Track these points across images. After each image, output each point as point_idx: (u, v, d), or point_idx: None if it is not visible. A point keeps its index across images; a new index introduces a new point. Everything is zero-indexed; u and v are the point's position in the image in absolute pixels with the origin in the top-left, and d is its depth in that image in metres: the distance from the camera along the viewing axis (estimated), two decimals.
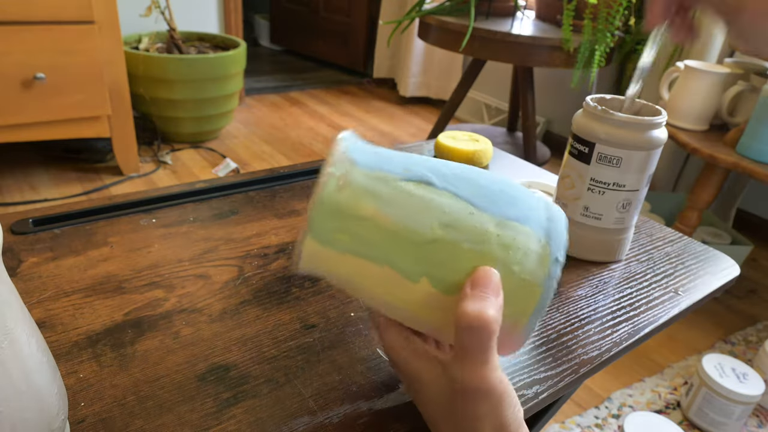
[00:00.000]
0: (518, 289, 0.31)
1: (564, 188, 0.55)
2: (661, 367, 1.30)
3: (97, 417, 0.34)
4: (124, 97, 1.75)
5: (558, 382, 0.40)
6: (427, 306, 0.31)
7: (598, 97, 0.54)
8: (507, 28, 1.69)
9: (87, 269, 0.48)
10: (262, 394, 0.37)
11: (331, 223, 0.31)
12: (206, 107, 2.09)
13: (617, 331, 0.46)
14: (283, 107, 2.72)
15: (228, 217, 0.58)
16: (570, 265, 0.55)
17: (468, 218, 0.31)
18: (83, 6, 1.56)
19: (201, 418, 0.35)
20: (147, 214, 0.57)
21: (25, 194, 1.73)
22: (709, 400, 1.11)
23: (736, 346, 1.39)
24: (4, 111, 1.54)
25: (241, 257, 0.51)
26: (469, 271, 0.31)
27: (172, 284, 0.47)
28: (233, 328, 0.42)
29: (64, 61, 1.58)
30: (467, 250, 0.30)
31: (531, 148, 1.93)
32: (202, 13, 2.39)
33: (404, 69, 2.88)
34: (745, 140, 1.28)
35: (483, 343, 0.30)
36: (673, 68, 1.45)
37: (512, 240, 0.31)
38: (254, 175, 0.66)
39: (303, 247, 0.31)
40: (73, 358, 0.38)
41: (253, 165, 2.06)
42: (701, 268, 0.56)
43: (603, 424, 1.12)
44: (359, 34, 3.23)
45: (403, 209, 0.30)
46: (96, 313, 0.43)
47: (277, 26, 3.72)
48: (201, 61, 1.99)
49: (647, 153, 0.51)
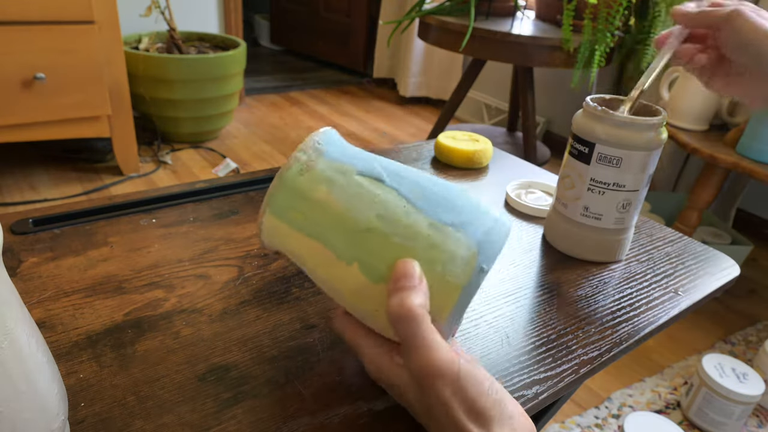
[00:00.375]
0: (438, 286, 0.33)
1: (564, 188, 0.55)
2: (661, 367, 1.30)
3: (97, 417, 0.34)
4: (124, 97, 1.75)
5: (558, 383, 0.40)
6: (357, 293, 0.34)
7: (598, 97, 0.54)
8: (507, 28, 1.69)
9: (87, 269, 0.48)
10: (262, 394, 0.37)
11: (288, 202, 0.34)
12: (206, 107, 2.09)
13: (617, 331, 0.46)
14: (283, 107, 2.72)
15: (228, 217, 0.58)
16: (570, 265, 0.55)
17: (404, 216, 0.33)
18: (83, 6, 1.56)
19: (201, 418, 0.35)
20: (147, 214, 0.57)
21: (25, 194, 1.73)
22: (709, 400, 1.11)
23: (736, 346, 1.39)
24: (4, 111, 1.54)
25: (241, 257, 0.51)
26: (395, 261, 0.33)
27: (172, 284, 0.47)
28: (233, 328, 0.42)
29: (63, 61, 1.58)
30: (396, 243, 0.33)
31: (531, 148, 1.93)
32: (202, 13, 2.39)
33: (404, 69, 2.88)
34: (745, 140, 1.28)
35: (415, 330, 0.31)
36: (673, 68, 1.45)
37: (441, 242, 0.33)
38: (254, 175, 0.66)
39: (263, 220, 0.35)
40: (73, 359, 0.38)
41: (253, 165, 2.06)
42: (701, 268, 0.56)
43: (603, 424, 1.12)
44: (359, 34, 3.23)
45: (350, 198, 0.34)
46: (96, 313, 0.43)
47: (277, 26, 3.72)
48: (201, 61, 1.99)
49: (647, 153, 0.51)
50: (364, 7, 3.14)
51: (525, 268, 0.54)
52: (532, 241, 0.59)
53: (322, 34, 3.45)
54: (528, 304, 0.48)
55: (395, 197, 0.34)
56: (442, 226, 0.33)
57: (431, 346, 0.31)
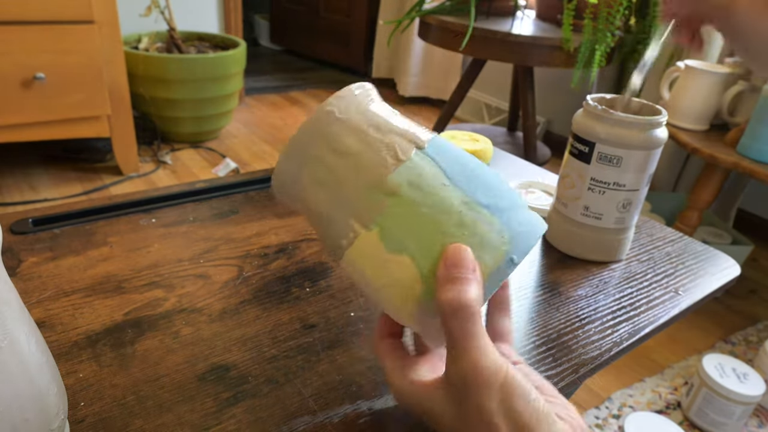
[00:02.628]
0: None
1: (564, 188, 0.55)
2: (661, 367, 1.30)
3: (97, 417, 0.34)
4: (124, 96, 1.75)
5: (558, 382, 0.40)
6: (372, 260, 0.31)
7: (598, 96, 0.54)
8: (507, 27, 1.69)
9: (87, 269, 0.47)
10: (262, 393, 0.37)
11: (313, 149, 0.32)
12: (206, 107, 2.09)
13: (617, 331, 0.46)
14: (283, 107, 2.72)
15: (228, 216, 0.58)
16: (570, 265, 0.55)
17: (438, 187, 0.31)
18: (83, 6, 1.56)
19: (201, 417, 0.35)
20: (147, 214, 0.56)
21: (25, 194, 1.73)
22: (709, 400, 1.11)
23: (737, 346, 1.39)
24: (4, 111, 1.54)
25: (241, 257, 0.51)
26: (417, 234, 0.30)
27: (171, 284, 0.47)
28: (233, 328, 0.42)
29: (63, 61, 1.58)
30: (423, 214, 0.30)
31: (531, 148, 1.93)
32: (202, 13, 2.39)
33: (404, 69, 2.88)
34: (745, 140, 1.28)
35: (470, 329, 0.28)
36: (673, 68, 1.45)
37: (472, 222, 0.30)
38: (254, 175, 0.66)
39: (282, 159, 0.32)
40: (72, 358, 0.38)
41: (253, 165, 2.06)
42: (702, 268, 0.56)
43: (603, 425, 1.12)
44: (359, 34, 3.23)
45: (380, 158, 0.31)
46: (96, 313, 0.42)
47: (277, 26, 3.72)
48: (201, 61, 1.99)
49: (647, 153, 0.51)
50: (364, 7, 3.14)
51: (525, 268, 0.54)
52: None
53: (322, 34, 3.44)
54: (528, 304, 0.48)
55: (431, 166, 0.31)
56: (477, 206, 0.30)
57: (484, 350, 0.28)
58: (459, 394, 0.29)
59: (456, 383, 0.29)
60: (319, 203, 0.32)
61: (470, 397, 0.28)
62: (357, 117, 0.32)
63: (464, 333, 0.28)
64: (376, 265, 0.31)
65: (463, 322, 0.28)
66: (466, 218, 0.30)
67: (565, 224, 0.56)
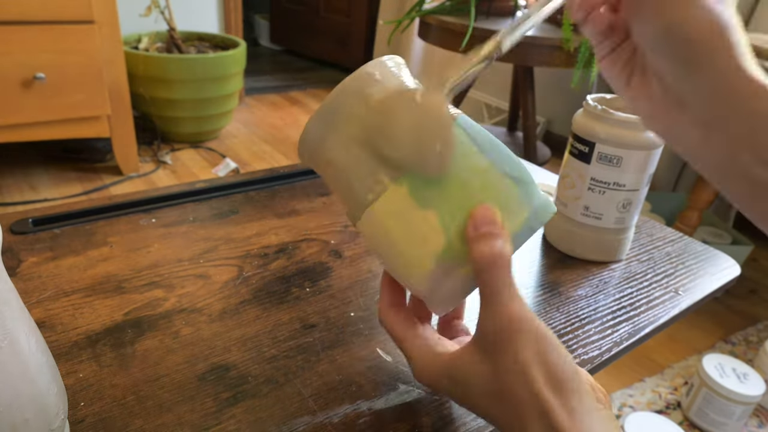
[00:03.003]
0: None
1: (564, 188, 0.55)
2: (661, 367, 1.30)
3: (97, 417, 0.34)
4: (124, 96, 1.75)
5: None
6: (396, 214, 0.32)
7: (598, 96, 0.54)
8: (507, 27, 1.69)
9: (87, 269, 0.47)
10: (261, 394, 0.37)
11: (349, 107, 0.32)
12: (206, 107, 2.09)
13: (617, 330, 0.46)
14: (283, 107, 2.72)
15: (228, 216, 0.58)
16: (570, 265, 0.55)
17: (467, 150, 0.32)
18: (83, 6, 1.56)
19: (201, 417, 0.35)
20: (147, 214, 0.56)
21: (25, 194, 1.73)
22: (709, 400, 1.11)
23: (737, 346, 1.39)
24: (4, 111, 1.54)
25: (241, 257, 0.51)
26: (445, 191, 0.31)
27: (171, 284, 0.47)
28: (233, 328, 0.42)
29: (63, 61, 1.58)
30: (451, 172, 0.31)
31: (531, 148, 1.93)
32: (202, 13, 2.39)
33: None
34: None
35: (505, 278, 0.29)
36: None
37: (496, 187, 0.32)
38: (254, 175, 0.66)
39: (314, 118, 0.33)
40: (72, 358, 0.38)
41: (253, 165, 2.06)
42: (702, 268, 0.56)
43: None
44: (359, 34, 3.23)
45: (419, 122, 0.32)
46: (96, 313, 0.42)
47: (277, 26, 3.72)
48: (201, 61, 1.99)
49: (647, 152, 0.51)
50: (364, 7, 3.14)
51: (525, 268, 0.54)
52: (532, 241, 0.59)
53: (322, 34, 3.44)
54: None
55: (462, 135, 0.32)
56: (501, 174, 0.32)
57: (520, 300, 0.29)
58: (494, 347, 0.29)
59: (491, 336, 0.29)
60: (350, 159, 0.33)
61: (507, 347, 0.28)
62: (394, 81, 0.33)
63: (501, 283, 0.29)
64: (399, 219, 0.32)
65: (499, 272, 0.29)
66: (491, 182, 0.32)
67: (565, 224, 0.56)
